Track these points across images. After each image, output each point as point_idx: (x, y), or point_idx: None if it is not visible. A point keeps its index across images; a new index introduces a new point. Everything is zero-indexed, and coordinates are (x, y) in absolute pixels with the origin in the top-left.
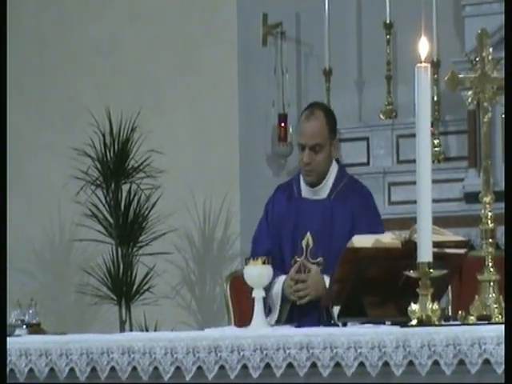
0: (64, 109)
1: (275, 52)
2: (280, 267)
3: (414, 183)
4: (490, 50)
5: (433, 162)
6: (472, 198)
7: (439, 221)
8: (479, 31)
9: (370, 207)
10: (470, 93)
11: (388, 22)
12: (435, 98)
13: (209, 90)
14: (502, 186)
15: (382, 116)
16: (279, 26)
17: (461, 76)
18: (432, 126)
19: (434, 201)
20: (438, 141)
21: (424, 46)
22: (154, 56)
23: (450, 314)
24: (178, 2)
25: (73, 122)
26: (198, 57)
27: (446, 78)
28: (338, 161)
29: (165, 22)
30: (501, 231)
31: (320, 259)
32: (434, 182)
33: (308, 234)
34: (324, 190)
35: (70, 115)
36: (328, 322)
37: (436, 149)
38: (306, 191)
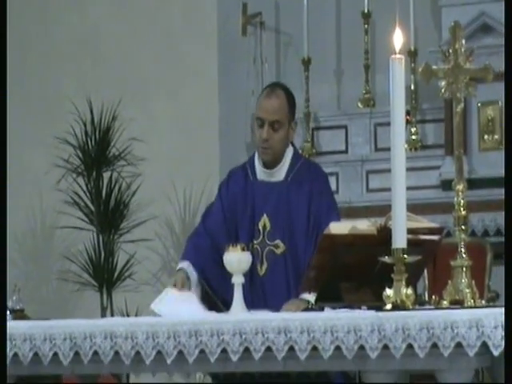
0: (45, 98)
1: (255, 41)
2: None
3: (390, 171)
4: (463, 41)
5: (410, 149)
6: (448, 185)
7: (416, 208)
8: (452, 23)
9: (327, 189)
10: (443, 83)
11: (366, 11)
12: (412, 87)
13: (189, 79)
14: (478, 174)
15: (360, 104)
16: (258, 16)
17: (434, 68)
18: (409, 115)
19: (411, 188)
20: (415, 129)
21: (398, 38)
22: (134, 45)
23: (426, 299)
24: None
25: (54, 111)
26: (179, 46)
27: (419, 70)
28: (293, 144)
29: (145, 13)
30: (476, 218)
31: (278, 241)
32: (411, 169)
33: (265, 215)
34: (280, 173)
35: (52, 104)
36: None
37: (413, 137)
38: (261, 174)
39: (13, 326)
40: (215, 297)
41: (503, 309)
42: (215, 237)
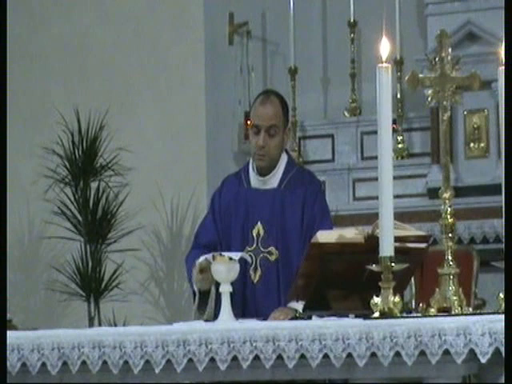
0: (32, 108)
1: (241, 51)
2: None
3: (377, 179)
4: (450, 50)
5: (396, 158)
6: (435, 193)
7: (403, 216)
8: (439, 32)
9: (320, 196)
10: (429, 92)
11: (352, 20)
12: (398, 96)
13: (176, 89)
14: (464, 182)
15: (346, 113)
16: (245, 25)
17: (421, 76)
18: (396, 123)
19: (398, 196)
20: (401, 137)
21: (385, 47)
22: (121, 55)
23: (413, 306)
24: (146, 2)
25: (41, 121)
26: (166, 56)
27: (406, 78)
28: (287, 152)
29: (132, 22)
30: (463, 225)
31: (272, 248)
32: (398, 177)
33: (259, 223)
34: (274, 180)
35: (39, 114)
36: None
37: (400, 145)
38: (255, 181)
39: None
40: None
41: (491, 316)
42: (211, 250)
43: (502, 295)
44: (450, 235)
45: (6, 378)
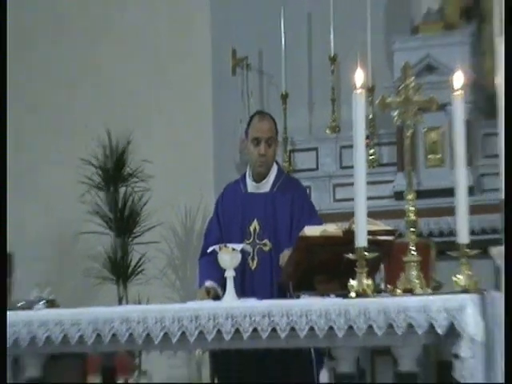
0: (74, 128)
1: (242, 80)
2: None
3: (353, 184)
4: (412, 79)
5: (369, 167)
6: (400, 195)
7: (374, 214)
8: (403, 64)
9: (306, 197)
10: (396, 113)
11: (332, 55)
12: (370, 116)
13: (188, 112)
14: (425, 186)
15: (328, 131)
16: (245, 59)
17: (389, 100)
18: (368, 139)
19: (370, 198)
20: (373, 150)
21: (359, 76)
22: (143, 86)
23: (383, 288)
24: (165, 43)
25: (80, 139)
26: (179, 85)
27: (377, 102)
28: (277, 163)
29: (152, 59)
30: (423, 222)
31: (266, 241)
32: (370, 183)
33: (255, 220)
34: (266, 185)
35: (78, 133)
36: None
37: (371, 157)
38: (251, 187)
39: (46, 313)
40: None
41: (446, 296)
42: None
43: (454, 278)
44: (413, 230)
45: (5, 378)
